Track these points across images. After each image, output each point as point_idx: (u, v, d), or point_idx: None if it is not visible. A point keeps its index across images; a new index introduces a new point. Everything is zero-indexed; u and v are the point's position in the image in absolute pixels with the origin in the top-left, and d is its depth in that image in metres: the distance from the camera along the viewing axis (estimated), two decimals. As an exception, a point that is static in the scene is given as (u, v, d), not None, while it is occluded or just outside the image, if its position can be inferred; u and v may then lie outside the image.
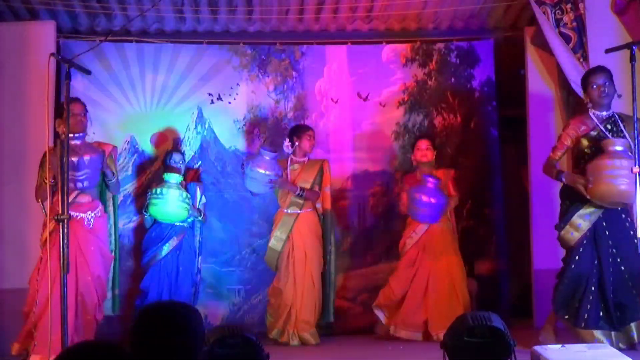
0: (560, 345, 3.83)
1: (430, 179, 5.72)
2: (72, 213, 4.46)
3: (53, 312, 4.00)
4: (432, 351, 3.92)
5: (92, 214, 5.01)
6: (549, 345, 3.80)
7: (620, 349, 4.31)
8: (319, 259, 5.78)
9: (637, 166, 4.24)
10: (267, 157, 5.63)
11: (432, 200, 5.69)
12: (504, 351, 3.52)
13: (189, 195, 5.77)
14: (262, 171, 5.59)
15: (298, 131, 5.88)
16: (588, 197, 4.67)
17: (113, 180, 5.16)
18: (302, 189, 5.76)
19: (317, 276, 5.74)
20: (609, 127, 4.80)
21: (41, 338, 4.55)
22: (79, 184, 4.90)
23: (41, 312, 4.65)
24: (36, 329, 4.68)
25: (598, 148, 4.76)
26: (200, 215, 5.93)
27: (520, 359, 3.47)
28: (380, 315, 5.91)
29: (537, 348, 3.75)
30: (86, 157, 4.95)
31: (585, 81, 4.91)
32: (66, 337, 3.73)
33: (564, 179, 4.86)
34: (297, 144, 5.80)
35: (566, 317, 4.81)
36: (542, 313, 6.01)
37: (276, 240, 5.79)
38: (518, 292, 6.58)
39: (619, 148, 4.64)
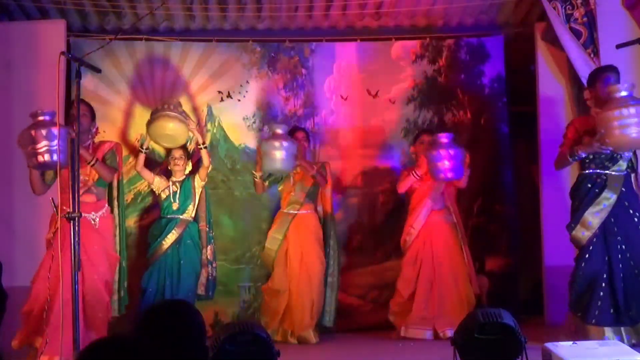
0: (571, 343, 3.82)
1: (443, 134, 5.67)
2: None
3: (64, 311, 4.01)
4: (442, 348, 3.93)
5: (97, 215, 5.01)
6: (560, 342, 3.79)
7: (631, 345, 4.29)
8: (318, 259, 5.75)
9: None
10: (279, 130, 5.59)
11: (451, 151, 5.57)
12: (515, 348, 3.51)
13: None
14: (278, 144, 5.51)
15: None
16: (606, 147, 4.67)
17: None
18: (318, 172, 5.78)
19: (316, 276, 5.71)
20: None
21: (52, 337, 4.51)
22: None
23: (51, 311, 4.62)
24: (47, 327, 4.63)
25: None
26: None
27: (531, 355, 3.47)
28: (394, 321, 5.82)
29: (548, 345, 3.74)
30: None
31: (596, 76, 4.88)
32: (78, 335, 3.74)
33: (583, 153, 4.82)
34: None
35: (579, 314, 4.81)
36: (553, 309, 6.00)
37: (272, 240, 5.82)
38: (529, 289, 6.56)
39: (624, 93, 4.63)
